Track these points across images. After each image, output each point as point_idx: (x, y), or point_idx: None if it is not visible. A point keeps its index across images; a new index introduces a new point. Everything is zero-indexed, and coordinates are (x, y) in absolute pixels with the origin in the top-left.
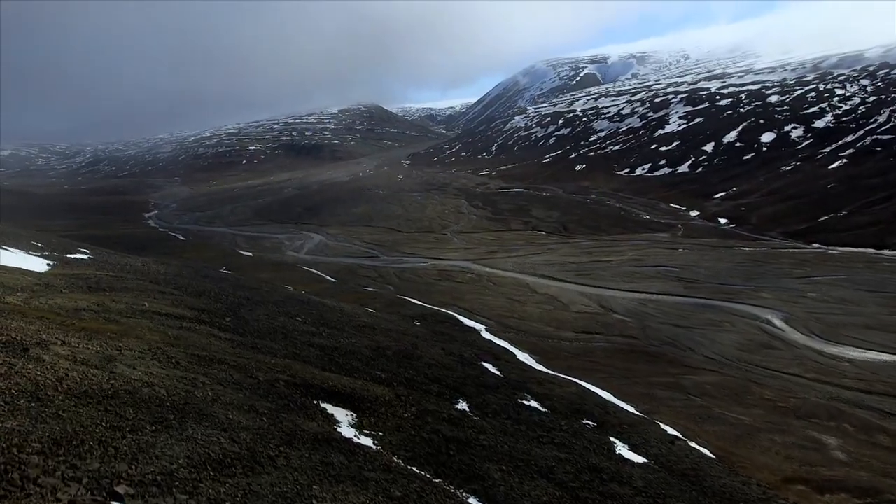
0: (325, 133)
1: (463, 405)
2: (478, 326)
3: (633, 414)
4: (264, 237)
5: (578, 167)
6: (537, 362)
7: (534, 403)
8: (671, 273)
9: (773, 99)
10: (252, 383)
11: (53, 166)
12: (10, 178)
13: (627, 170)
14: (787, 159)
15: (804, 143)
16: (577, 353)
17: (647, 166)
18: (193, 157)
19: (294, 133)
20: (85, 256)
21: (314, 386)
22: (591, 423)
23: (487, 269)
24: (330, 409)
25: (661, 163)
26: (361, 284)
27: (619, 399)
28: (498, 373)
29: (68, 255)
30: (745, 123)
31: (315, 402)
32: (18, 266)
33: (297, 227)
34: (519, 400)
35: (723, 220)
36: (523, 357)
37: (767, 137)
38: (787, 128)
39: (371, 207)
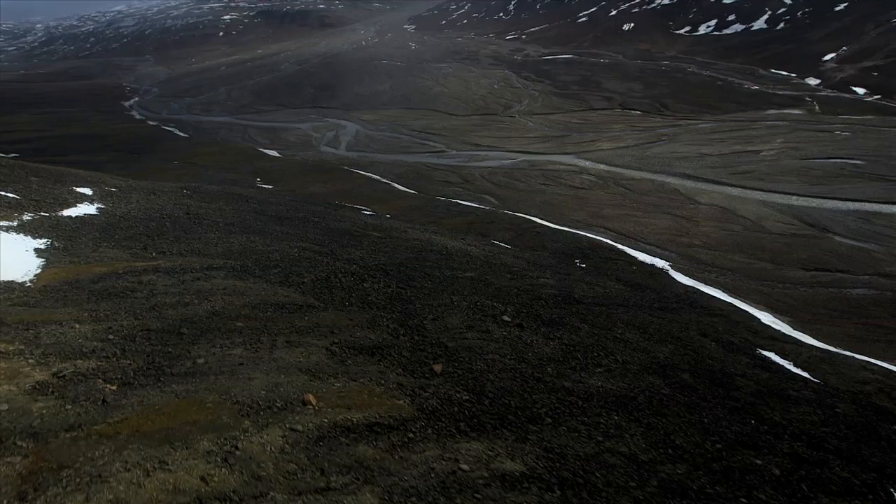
0: None
1: None
2: (659, 263)
3: None
4: (283, 128)
5: (626, 27)
6: (795, 328)
7: None
8: (858, 169)
9: None
10: None
11: (3, 48)
12: None
13: (688, 28)
14: (893, 9)
15: None
16: (839, 310)
17: (713, 23)
18: (162, 32)
19: None
20: (93, 210)
21: None
22: None
23: (603, 167)
24: None
25: (730, 18)
26: (449, 196)
27: None
28: (807, 375)
29: (64, 214)
30: None
31: None
32: None
33: (316, 112)
34: None
35: (860, 90)
36: (769, 320)
37: None
38: None
39: (399, 83)
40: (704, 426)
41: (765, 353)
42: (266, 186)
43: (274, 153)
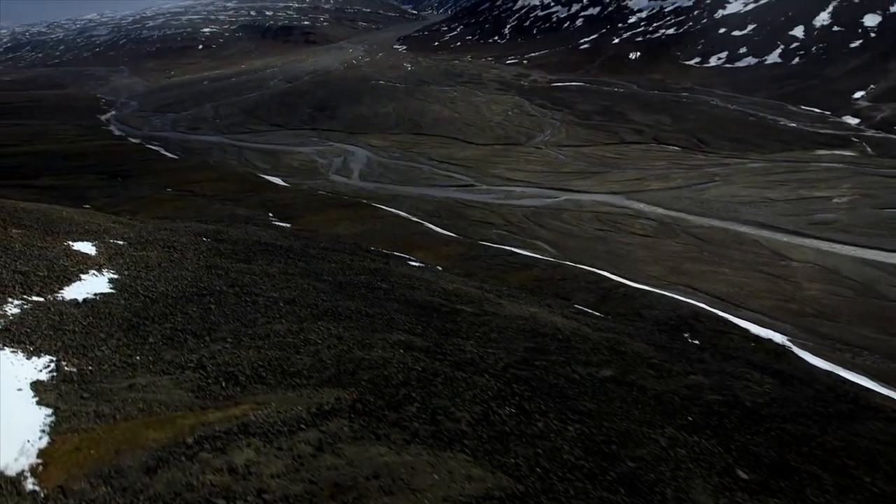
0: (290, 12)
1: None
2: (776, 337)
3: None
4: (282, 151)
5: (632, 55)
6: None
7: None
8: None
9: None
10: None
11: None
12: None
13: (698, 60)
14: None
15: None
16: None
17: (724, 55)
18: (137, 42)
19: (253, 12)
20: (105, 285)
21: None
22: None
23: (661, 211)
24: None
25: (741, 51)
26: (495, 240)
27: None
28: None
29: (67, 296)
30: (835, 2)
31: None
32: None
33: (317, 134)
34: None
35: None
36: None
37: (872, 20)
38: (893, 8)
39: (403, 106)
40: None
41: None
42: (283, 224)
43: (278, 181)
